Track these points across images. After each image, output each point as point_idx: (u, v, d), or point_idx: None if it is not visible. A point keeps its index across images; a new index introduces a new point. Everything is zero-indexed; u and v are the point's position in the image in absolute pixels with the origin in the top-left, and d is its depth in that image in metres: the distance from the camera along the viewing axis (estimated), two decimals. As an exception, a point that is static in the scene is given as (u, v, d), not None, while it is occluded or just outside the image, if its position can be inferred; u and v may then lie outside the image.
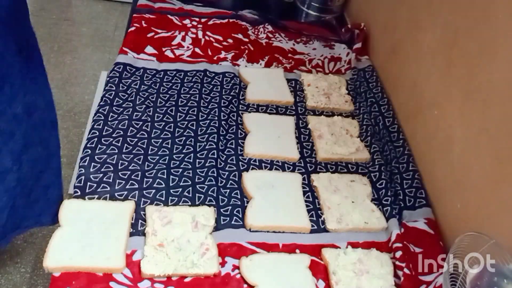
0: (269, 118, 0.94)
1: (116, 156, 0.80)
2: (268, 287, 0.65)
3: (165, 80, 0.99)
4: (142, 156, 0.81)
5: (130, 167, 0.79)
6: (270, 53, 1.12)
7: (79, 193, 0.74)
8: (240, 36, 1.15)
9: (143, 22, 1.12)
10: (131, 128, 0.86)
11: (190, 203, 0.75)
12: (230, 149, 0.86)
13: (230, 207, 0.76)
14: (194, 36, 1.11)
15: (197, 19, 1.16)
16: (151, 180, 0.78)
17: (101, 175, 0.77)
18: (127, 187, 0.76)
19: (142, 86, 0.96)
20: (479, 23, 0.72)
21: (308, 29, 1.20)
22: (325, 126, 0.93)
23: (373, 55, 1.13)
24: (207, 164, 0.82)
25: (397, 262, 0.70)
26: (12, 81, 0.63)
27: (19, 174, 0.76)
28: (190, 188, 0.78)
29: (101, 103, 0.90)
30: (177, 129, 0.88)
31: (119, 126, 0.86)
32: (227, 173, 0.81)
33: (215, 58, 1.07)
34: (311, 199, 0.80)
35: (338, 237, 0.75)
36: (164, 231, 0.69)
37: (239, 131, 0.90)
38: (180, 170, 0.80)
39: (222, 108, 0.93)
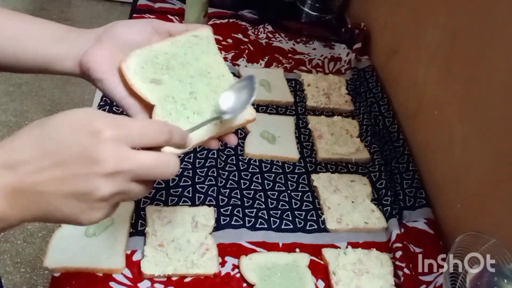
0: (269, 118, 0.94)
1: (116, 156, 0.80)
2: (267, 287, 0.65)
3: (165, 80, 0.99)
4: (142, 156, 0.81)
5: (130, 167, 0.79)
6: (270, 53, 1.12)
7: (79, 193, 0.74)
8: (240, 36, 1.15)
9: (143, 22, 1.12)
10: (131, 128, 0.86)
11: (190, 203, 0.75)
12: (230, 149, 0.86)
13: (230, 207, 0.76)
14: (194, 36, 1.11)
15: (197, 19, 1.16)
16: (151, 180, 0.78)
17: (101, 175, 0.77)
18: (127, 187, 0.76)
19: (142, 86, 0.96)
20: (479, 23, 0.72)
21: (308, 29, 1.20)
22: (325, 126, 0.93)
23: (373, 55, 1.13)
24: (207, 164, 0.82)
25: (397, 262, 0.70)
26: None
27: None
28: (190, 188, 0.78)
29: (101, 103, 0.90)
30: (177, 129, 0.88)
31: (119, 126, 0.86)
32: (227, 173, 0.82)
33: (215, 58, 1.06)
34: (311, 199, 0.80)
35: (338, 237, 0.75)
36: (164, 231, 0.69)
37: (239, 131, 0.90)
38: (180, 170, 0.80)
39: (222, 108, 0.93)
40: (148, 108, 0.47)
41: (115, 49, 0.48)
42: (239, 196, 0.78)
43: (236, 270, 0.67)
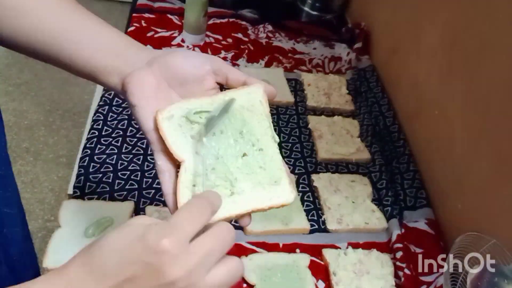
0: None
1: (115, 156, 0.80)
2: (267, 287, 0.65)
3: (165, 80, 0.99)
4: (141, 156, 0.81)
5: (129, 167, 0.79)
6: (270, 53, 1.12)
7: (78, 193, 0.74)
8: (240, 35, 1.14)
9: (142, 21, 1.12)
10: (130, 128, 0.86)
11: (190, 203, 0.75)
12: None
13: (230, 207, 0.75)
14: (194, 35, 1.11)
15: (197, 19, 1.16)
16: (150, 180, 0.77)
17: (101, 175, 0.77)
18: (127, 187, 0.76)
19: (142, 86, 0.96)
20: (479, 23, 0.71)
21: (308, 29, 1.20)
22: (325, 126, 0.92)
23: (373, 55, 1.12)
24: (207, 164, 0.81)
25: (397, 263, 0.70)
26: None
27: None
28: (190, 188, 0.77)
29: (100, 103, 0.90)
30: (177, 129, 0.88)
31: (119, 126, 0.86)
32: (227, 173, 0.81)
33: (215, 57, 1.06)
34: (311, 199, 0.80)
35: (338, 237, 0.75)
36: (164, 232, 0.68)
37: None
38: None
39: (222, 108, 0.93)
40: (167, 152, 0.42)
41: (162, 78, 0.44)
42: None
43: (236, 271, 0.67)
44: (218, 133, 0.43)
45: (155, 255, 0.32)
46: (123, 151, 0.81)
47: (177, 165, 0.42)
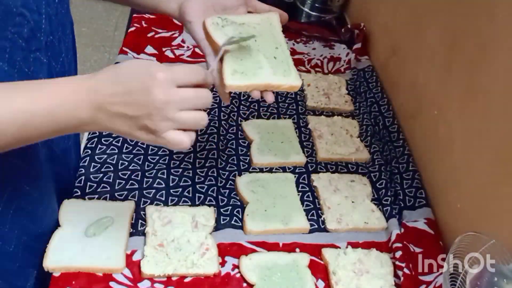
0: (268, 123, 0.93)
1: (116, 156, 0.80)
2: (267, 286, 0.66)
3: (165, 80, 0.99)
4: (142, 156, 0.81)
5: (130, 167, 0.79)
6: (270, 53, 1.12)
7: (79, 193, 0.74)
8: (240, 36, 1.15)
9: (143, 22, 1.12)
10: (131, 128, 0.86)
11: (190, 203, 0.75)
12: (231, 149, 0.86)
13: (230, 207, 0.76)
14: (194, 36, 1.11)
15: (197, 19, 1.16)
16: (151, 180, 0.78)
17: (101, 175, 0.77)
18: (127, 187, 0.76)
19: (142, 86, 0.96)
20: (479, 23, 0.72)
21: (308, 29, 1.20)
22: (325, 126, 0.93)
23: (373, 55, 1.13)
24: (207, 164, 0.82)
25: (397, 262, 0.70)
26: None
27: None
28: (190, 188, 0.78)
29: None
30: (177, 129, 0.88)
31: (119, 126, 0.86)
32: (227, 173, 0.82)
33: (215, 58, 1.07)
34: (311, 199, 0.80)
35: (338, 237, 0.75)
36: (164, 231, 0.69)
37: (239, 131, 0.90)
38: (180, 170, 0.80)
39: (222, 108, 0.93)
40: (215, 51, 0.59)
41: (209, 4, 0.62)
42: (238, 196, 0.78)
43: (236, 270, 0.68)
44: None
45: (150, 79, 0.47)
46: (124, 151, 0.82)
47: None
